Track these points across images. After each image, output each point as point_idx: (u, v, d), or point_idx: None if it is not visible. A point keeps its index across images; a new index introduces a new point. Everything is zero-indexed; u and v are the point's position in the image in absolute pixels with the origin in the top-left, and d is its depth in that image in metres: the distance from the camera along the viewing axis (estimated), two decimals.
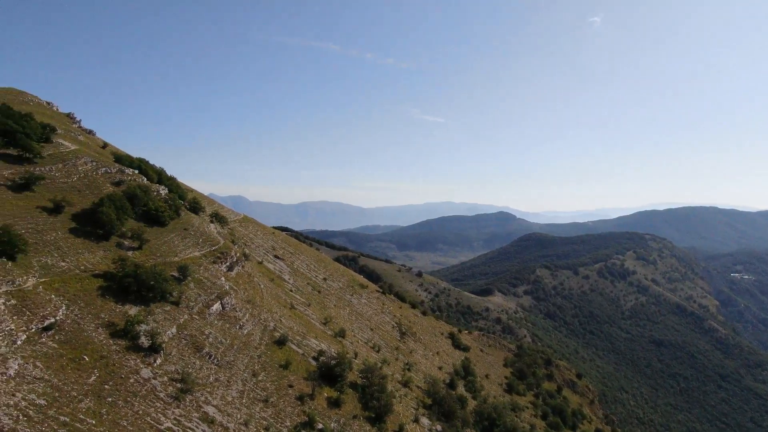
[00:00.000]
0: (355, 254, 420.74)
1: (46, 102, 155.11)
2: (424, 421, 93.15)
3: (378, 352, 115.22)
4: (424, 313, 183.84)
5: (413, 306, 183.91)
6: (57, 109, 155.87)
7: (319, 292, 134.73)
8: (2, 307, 54.38)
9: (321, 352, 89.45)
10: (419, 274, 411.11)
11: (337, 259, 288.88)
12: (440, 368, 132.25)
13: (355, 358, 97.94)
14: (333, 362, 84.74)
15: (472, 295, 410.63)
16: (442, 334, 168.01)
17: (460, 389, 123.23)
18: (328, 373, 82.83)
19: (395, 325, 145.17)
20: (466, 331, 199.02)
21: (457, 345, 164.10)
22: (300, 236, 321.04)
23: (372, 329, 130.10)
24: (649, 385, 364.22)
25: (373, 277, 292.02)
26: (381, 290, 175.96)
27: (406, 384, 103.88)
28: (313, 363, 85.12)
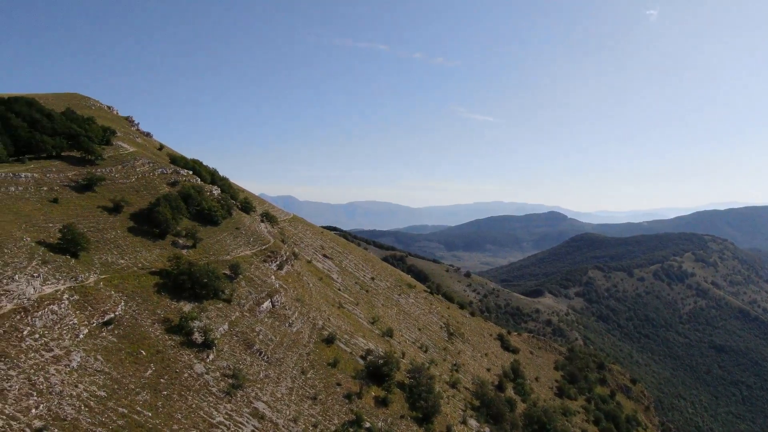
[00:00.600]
0: (402, 254, 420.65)
1: (107, 106, 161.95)
2: (472, 422, 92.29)
3: (425, 352, 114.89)
4: (472, 314, 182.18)
5: (461, 306, 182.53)
6: (117, 113, 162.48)
7: (366, 291, 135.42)
8: (66, 302, 57.00)
9: (368, 351, 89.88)
10: (467, 275, 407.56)
11: (384, 259, 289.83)
12: (488, 370, 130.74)
13: (403, 358, 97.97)
14: (380, 361, 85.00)
15: (522, 297, 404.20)
16: (490, 335, 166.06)
17: (509, 392, 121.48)
18: (376, 373, 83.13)
19: (443, 325, 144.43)
20: (516, 333, 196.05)
21: (506, 347, 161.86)
22: (348, 236, 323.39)
23: (419, 329, 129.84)
24: (709, 393, 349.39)
25: (420, 277, 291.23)
26: (429, 290, 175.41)
27: (453, 385, 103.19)
28: (361, 362, 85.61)
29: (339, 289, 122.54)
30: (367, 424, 69.09)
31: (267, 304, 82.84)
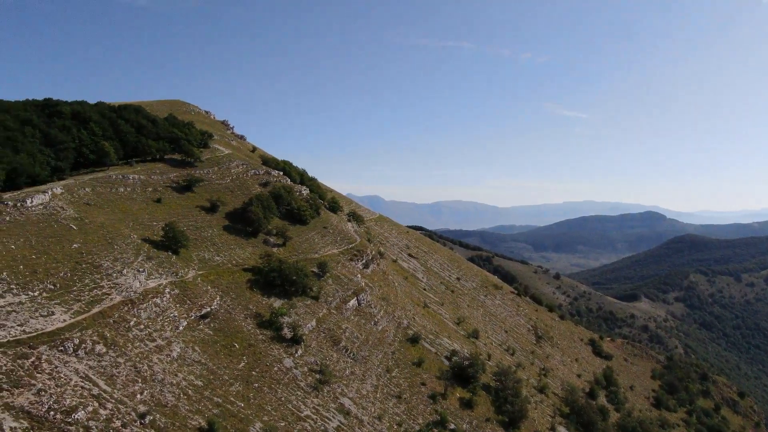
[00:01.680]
0: (489, 254, 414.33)
1: (205, 111, 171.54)
2: (561, 430, 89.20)
3: (512, 355, 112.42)
4: (561, 317, 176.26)
5: (550, 309, 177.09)
6: (213, 117, 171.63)
7: (452, 291, 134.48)
8: (168, 296, 60.74)
9: (454, 352, 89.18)
10: (557, 276, 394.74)
11: (470, 259, 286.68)
12: (579, 376, 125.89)
13: (489, 360, 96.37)
14: (466, 363, 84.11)
15: (616, 300, 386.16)
16: (581, 340, 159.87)
17: (601, 400, 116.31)
18: (461, 374, 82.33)
19: (531, 328, 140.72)
20: (609, 339, 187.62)
21: (598, 352, 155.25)
22: (434, 235, 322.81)
23: (506, 331, 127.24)
24: None
25: (507, 278, 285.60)
26: (516, 292, 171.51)
27: (541, 390, 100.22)
28: (446, 362, 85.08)
29: (424, 289, 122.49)
30: (452, 426, 68.52)
31: (353, 302, 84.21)
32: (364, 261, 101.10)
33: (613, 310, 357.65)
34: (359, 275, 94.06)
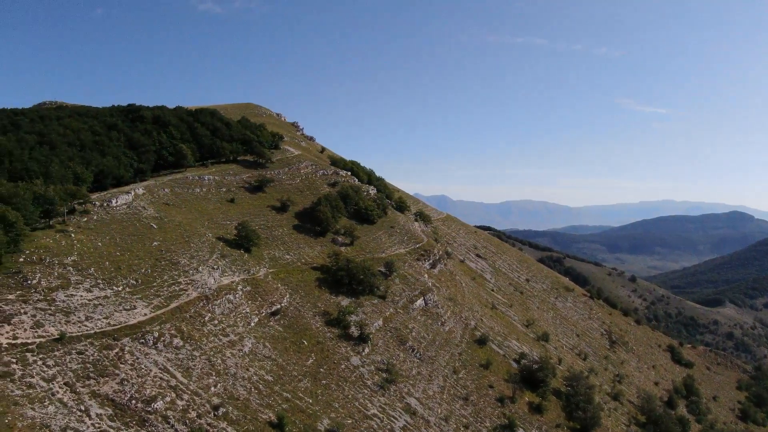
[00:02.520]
0: (560, 255, 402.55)
1: (276, 113, 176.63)
2: None
3: (584, 360, 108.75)
4: (637, 322, 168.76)
5: (625, 313, 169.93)
6: (284, 119, 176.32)
7: (521, 293, 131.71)
8: (240, 293, 62.79)
9: (522, 355, 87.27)
10: (632, 279, 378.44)
11: (540, 260, 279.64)
12: (656, 384, 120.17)
13: (559, 364, 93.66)
14: (535, 366, 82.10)
15: (697, 305, 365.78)
16: (659, 346, 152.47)
17: (681, 410, 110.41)
18: (530, 377, 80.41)
19: (604, 332, 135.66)
20: (689, 345, 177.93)
21: (677, 360, 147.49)
22: (502, 236, 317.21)
23: (578, 335, 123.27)
24: None
25: (579, 280, 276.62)
26: (588, 294, 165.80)
27: (615, 397, 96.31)
28: (515, 365, 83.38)
29: (492, 290, 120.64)
30: (521, 430, 67.05)
31: (420, 302, 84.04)
32: (431, 261, 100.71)
33: (695, 315, 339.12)
34: (426, 275, 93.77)
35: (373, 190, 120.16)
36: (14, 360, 38.97)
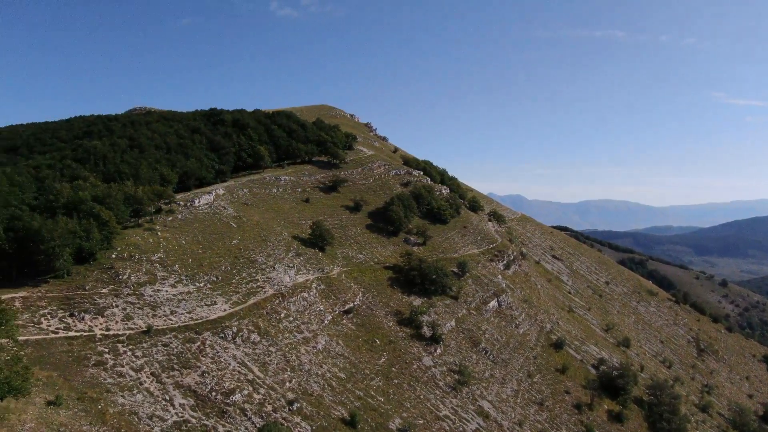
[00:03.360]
0: (642, 257, 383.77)
1: (350, 114, 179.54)
2: None
3: (669, 368, 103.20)
4: (729, 330, 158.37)
5: (715, 320, 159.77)
6: (357, 120, 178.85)
7: (600, 296, 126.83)
8: (314, 291, 64.09)
9: (601, 361, 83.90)
10: (723, 284, 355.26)
11: (621, 262, 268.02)
12: (750, 396, 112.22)
13: (641, 372, 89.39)
14: (615, 373, 78.68)
15: None
16: (753, 356, 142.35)
17: None
18: (609, 384, 77.13)
19: (691, 339, 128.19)
20: None
21: None
22: (580, 236, 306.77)
23: (662, 342, 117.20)
24: None
25: (663, 283, 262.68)
26: (674, 299, 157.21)
27: (704, 409, 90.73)
28: (593, 371, 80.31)
29: (569, 292, 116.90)
30: None
31: (493, 303, 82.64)
32: (505, 262, 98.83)
33: None
34: (500, 276, 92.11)
35: (446, 190, 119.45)
36: (107, 350, 41.63)
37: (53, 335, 41.51)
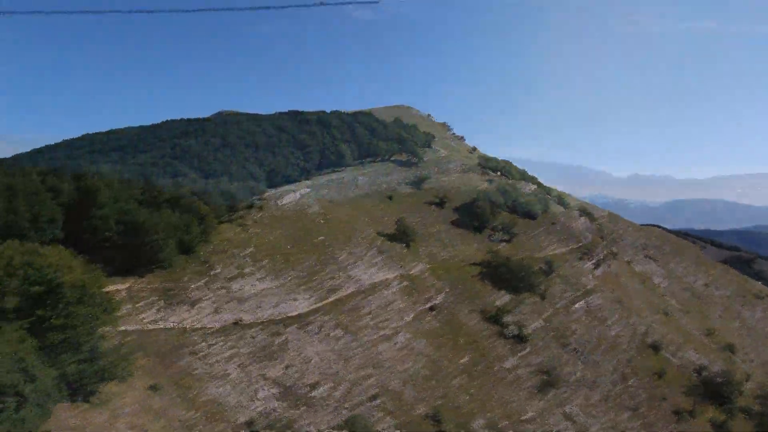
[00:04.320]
0: (750, 256, 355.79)
1: (427, 114, 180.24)
2: None
3: None
4: None
5: None
6: (434, 120, 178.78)
7: (698, 298, 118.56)
8: (396, 288, 64.08)
9: (702, 367, 78.32)
10: None
11: (723, 262, 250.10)
12: None
13: (747, 381, 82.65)
14: (719, 380, 73.17)
15: None
16: None
17: None
18: (712, 392, 71.79)
19: None
20: None
21: None
22: (675, 234, 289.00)
23: None
24: None
25: None
26: None
27: None
28: (694, 377, 75.15)
29: (663, 294, 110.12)
30: None
31: (582, 303, 79.25)
32: (594, 261, 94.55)
33: None
34: (589, 276, 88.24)
35: (532, 187, 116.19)
36: (199, 341, 43.55)
37: (151, 326, 43.93)
